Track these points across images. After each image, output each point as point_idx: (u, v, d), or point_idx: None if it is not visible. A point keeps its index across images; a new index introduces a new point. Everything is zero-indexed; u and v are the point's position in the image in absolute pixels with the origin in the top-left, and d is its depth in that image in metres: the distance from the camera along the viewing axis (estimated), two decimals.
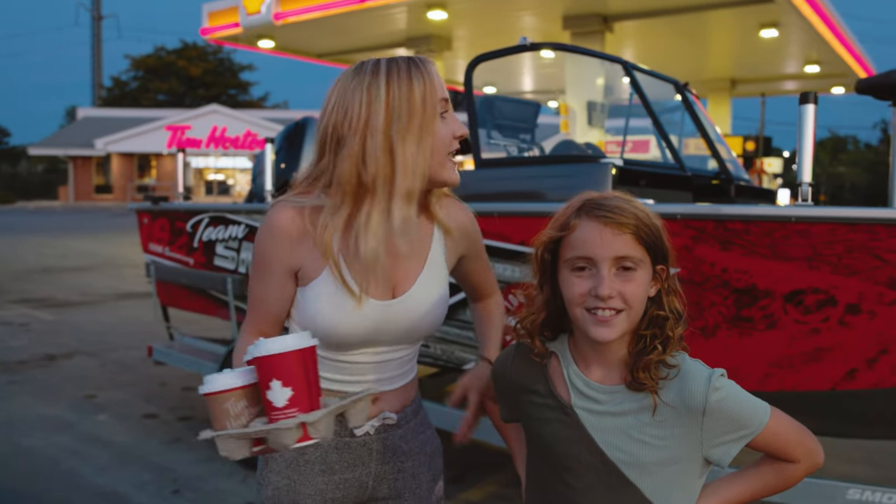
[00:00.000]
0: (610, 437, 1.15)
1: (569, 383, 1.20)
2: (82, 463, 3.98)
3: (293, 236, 1.33)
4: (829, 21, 12.29)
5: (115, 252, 15.48)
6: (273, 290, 1.37)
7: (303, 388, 1.13)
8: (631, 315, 1.13)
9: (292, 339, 1.14)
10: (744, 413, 1.13)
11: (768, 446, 1.15)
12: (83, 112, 43.71)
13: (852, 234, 2.19)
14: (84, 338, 7.28)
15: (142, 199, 5.02)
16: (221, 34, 14.51)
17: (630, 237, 1.12)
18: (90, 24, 51.11)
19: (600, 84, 9.44)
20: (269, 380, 1.12)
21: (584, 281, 1.14)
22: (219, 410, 1.15)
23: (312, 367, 1.16)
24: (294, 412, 1.12)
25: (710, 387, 1.11)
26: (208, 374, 4.36)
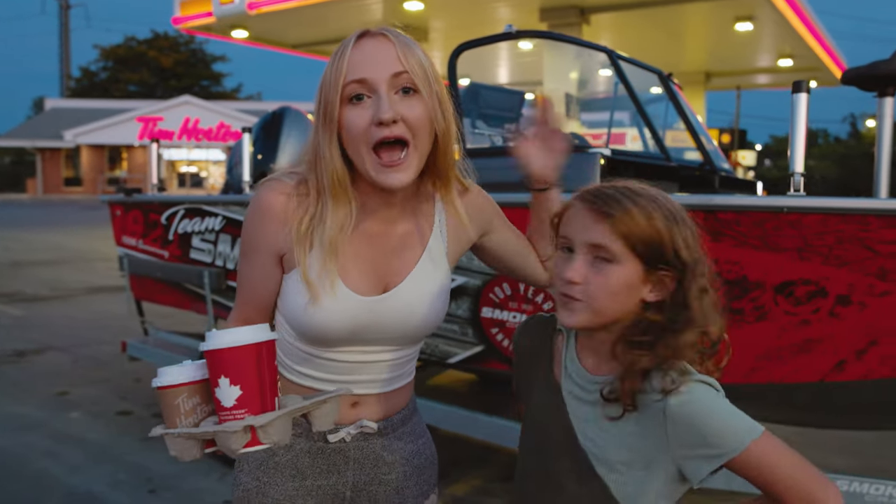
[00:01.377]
0: (584, 426, 1.13)
1: (563, 366, 1.18)
2: (54, 463, 3.87)
3: (281, 217, 1.25)
4: (802, 15, 12.41)
5: (86, 245, 15.20)
6: (259, 274, 1.29)
7: (254, 387, 1.02)
8: (592, 308, 1.07)
9: (248, 331, 1.03)
10: (715, 429, 1.01)
11: (752, 476, 1.02)
12: (51, 103, 42.86)
13: (843, 224, 2.17)
14: (55, 333, 7.12)
15: (114, 191, 4.89)
16: (194, 24, 14.27)
17: (607, 227, 1.05)
18: (58, 13, 50.11)
19: (578, 76, 9.43)
20: (218, 376, 1.02)
21: (563, 262, 1.11)
22: (170, 407, 1.06)
23: (268, 365, 1.05)
24: (242, 413, 1.02)
25: (675, 391, 1.02)
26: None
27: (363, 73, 1.17)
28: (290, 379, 1.32)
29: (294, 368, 1.32)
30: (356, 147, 1.19)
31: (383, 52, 1.19)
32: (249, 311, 1.32)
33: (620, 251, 1.05)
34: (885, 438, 4.04)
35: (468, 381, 4.98)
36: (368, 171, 1.19)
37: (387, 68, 1.18)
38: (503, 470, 3.73)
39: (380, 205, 1.28)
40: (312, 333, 1.25)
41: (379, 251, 1.29)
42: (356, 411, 1.32)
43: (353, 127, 1.18)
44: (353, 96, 1.18)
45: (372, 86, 1.18)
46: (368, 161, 1.18)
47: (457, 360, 3.15)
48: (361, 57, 1.19)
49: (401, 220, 1.32)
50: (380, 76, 1.18)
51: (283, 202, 1.25)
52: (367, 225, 1.29)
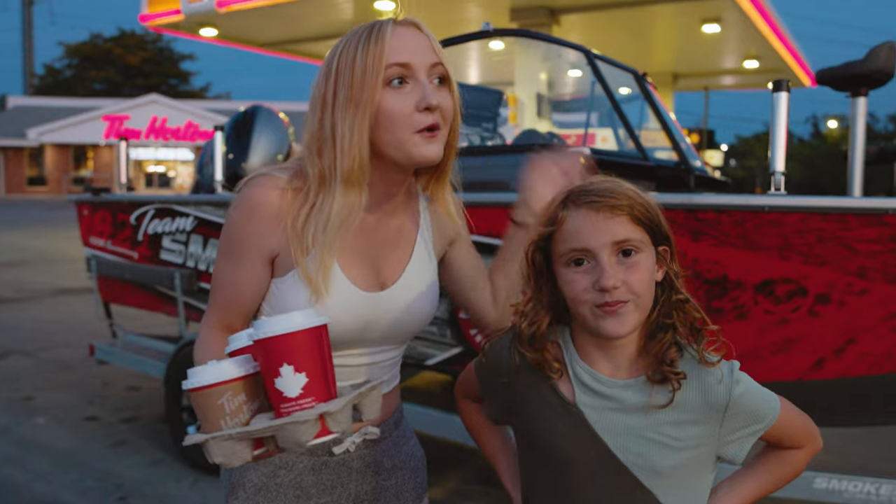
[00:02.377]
0: (622, 439, 1.05)
1: (573, 378, 1.09)
2: (19, 470, 3.76)
3: (274, 215, 1.18)
4: (768, 18, 12.61)
5: (51, 246, 14.88)
6: (246, 276, 1.21)
7: (319, 373, 0.96)
8: (641, 305, 1.04)
9: (301, 315, 0.96)
10: (760, 406, 1.07)
11: (778, 436, 1.10)
12: (14, 101, 41.92)
13: (824, 223, 2.18)
14: (19, 336, 6.95)
15: (81, 191, 4.77)
16: (161, 21, 14.03)
17: (626, 218, 1.02)
18: (20, 10, 49.03)
19: (548, 76, 9.47)
20: (279, 365, 0.94)
21: (585, 276, 1.04)
22: (212, 408, 0.96)
23: (328, 349, 1.00)
24: (311, 402, 0.95)
25: (732, 380, 1.04)
26: (154, 372, 4.13)
27: (406, 57, 1.15)
28: None
29: None
30: (396, 131, 1.15)
31: (421, 41, 1.18)
32: (231, 317, 1.24)
33: (642, 237, 1.04)
34: (854, 434, 4.08)
35: (442, 382, 4.95)
36: (410, 152, 1.16)
37: (426, 57, 1.17)
38: (479, 472, 3.70)
39: (383, 197, 1.24)
40: None
41: (375, 245, 1.26)
42: None
43: (395, 111, 1.14)
44: (393, 79, 1.15)
45: (414, 72, 1.16)
46: (412, 142, 1.15)
47: (435, 362, 3.11)
48: (401, 43, 1.16)
49: (396, 214, 1.29)
50: (421, 63, 1.16)
51: (277, 198, 1.19)
52: (368, 218, 1.24)
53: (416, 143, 1.16)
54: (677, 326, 1.06)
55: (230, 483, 1.27)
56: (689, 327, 1.07)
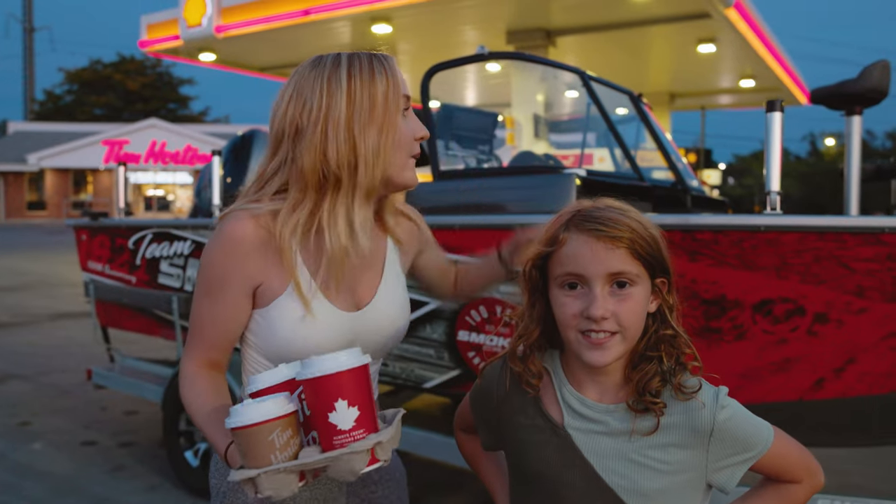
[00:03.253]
0: (608, 462, 1.07)
1: (562, 402, 1.11)
2: (15, 497, 3.73)
3: (252, 248, 1.21)
4: (763, 37, 12.70)
5: (50, 270, 14.87)
6: (228, 312, 1.23)
7: (369, 406, 1.04)
8: (627, 337, 1.05)
9: (346, 355, 1.04)
10: (750, 434, 1.06)
11: (773, 468, 1.09)
12: (14, 126, 42.08)
13: (821, 242, 2.18)
14: (17, 361, 6.92)
15: (79, 215, 4.77)
16: (161, 47, 14.14)
17: (625, 252, 1.03)
18: (21, 36, 49.38)
19: (545, 98, 9.53)
20: (334, 400, 1.01)
21: (576, 301, 1.05)
22: (261, 443, 1.00)
23: (371, 385, 1.08)
24: (362, 433, 1.02)
25: (717, 405, 1.05)
26: (152, 397, 4.11)
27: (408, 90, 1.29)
28: None
29: None
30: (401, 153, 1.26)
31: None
32: (214, 354, 1.25)
33: (639, 272, 1.05)
34: (853, 455, 4.05)
35: (442, 405, 4.92)
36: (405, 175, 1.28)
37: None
38: (479, 496, 3.67)
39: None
40: (303, 354, 1.17)
41: (350, 267, 1.27)
42: None
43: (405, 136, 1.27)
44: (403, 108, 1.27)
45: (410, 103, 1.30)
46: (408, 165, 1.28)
47: (433, 385, 3.10)
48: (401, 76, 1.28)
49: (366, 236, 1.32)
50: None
51: (252, 228, 1.21)
52: None
53: (410, 167, 1.27)
54: (663, 359, 1.07)
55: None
56: (674, 360, 1.07)
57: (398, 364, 3.12)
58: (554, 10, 11.16)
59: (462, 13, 11.32)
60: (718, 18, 10.77)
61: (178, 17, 13.20)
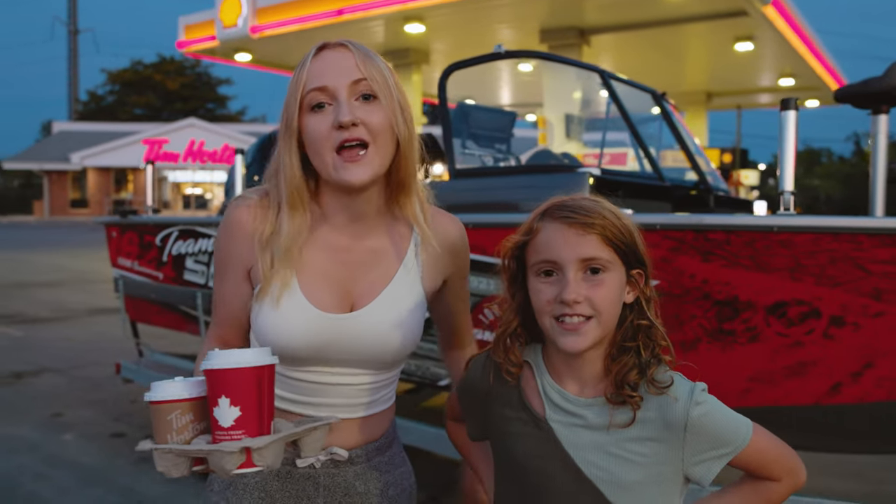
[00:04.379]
0: (587, 454, 1.08)
1: (543, 395, 1.13)
2: (45, 485, 3.83)
3: (247, 231, 1.25)
4: (802, 35, 12.45)
5: (89, 267, 15.22)
6: (231, 291, 1.29)
7: (253, 409, 1.02)
8: (602, 322, 1.06)
9: (251, 353, 1.04)
10: (726, 429, 1.06)
11: (750, 464, 1.09)
12: (59, 126, 43.21)
13: (836, 244, 2.14)
14: (53, 354, 7.09)
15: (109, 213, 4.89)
16: (198, 47, 14.40)
17: (596, 237, 1.05)
18: (66, 39, 50.64)
19: (578, 96, 9.47)
20: (218, 395, 1.02)
21: (551, 287, 1.07)
22: (162, 422, 1.05)
23: (268, 389, 1.06)
24: (240, 434, 1.02)
25: (691, 401, 1.05)
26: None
27: (323, 81, 1.18)
28: None
29: None
30: (319, 152, 1.19)
31: (343, 61, 1.21)
32: (225, 330, 1.32)
33: (611, 258, 1.07)
34: (887, 462, 3.96)
35: None
36: (330, 173, 1.19)
37: (346, 75, 1.19)
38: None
39: (348, 219, 1.27)
40: (272, 345, 1.21)
41: (346, 266, 1.26)
42: (327, 437, 1.26)
43: (314, 132, 1.19)
44: (314, 105, 1.19)
45: (332, 93, 1.18)
46: (330, 162, 1.18)
47: (447, 383, 3.10)
48: (321, 66, 1.20)
49: (372, 236, 1.29)
50: (339, 83, 1.18)
51: (248, 216, 1.26)
52: (334, 239, 1.27)
53: (335, 165, 1.19)
54: (641, 350, 1.08)
55: (208, 477, 1.33)
56: (650, 352, 1.08)
57: (413, 361, 3.13)
58: (588, 8, 11.08)
59: (495, 12, 11.30)
60: (756, 16, 10.59)
61: (214, 18, 13.41)
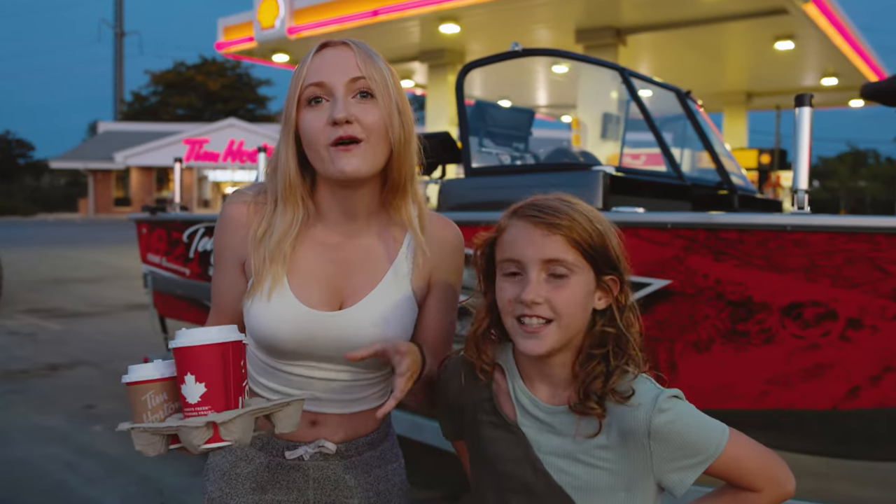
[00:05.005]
0: (556, 460, 1.06)
1: (514, 399, 1.11)
2: (72, 475, 3.92)
3: (241, 225, 1.28)
4: (845, 33, 12.17)
5: (129, 263, 15.53)
6: (227, 283, 1.31)
7: (218, 385, 1.03)
8: (562, 326, 1.03)
9: (216, 331, 1.05)
10: (696, 437, 1.02)
11: (728, 473, 1.04)
12: (104, 126, 44.27)
13: (852, 243, 2.08)
14: (89, 348, 7.26)
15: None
16: (236, 48, 14.63)
17: (561, 239, 1.03)
18: (112, 41, 51.88)
19: (613, 97, 9.38)
20: (184, 373, 1.04)
21: (514, 286, 1.05)
22: (137, 402, 1.07)
23: (235, 365, 1.06)
24: (206, 410, 1.03)
25: (654, 408, 1.01)
26: None
27: (321, 77, 1.20)
28: (255, 391, 1.32)
29: (256, 379, 1.32)
30: (314, 146, 1.20)
31: (342, 59, 1.22)
32: (221, 321, 1.32)
33: (576, 261, 1.04)
34: None
35: None
36: (326, 166, 1.20)
37: (345, 73, 1.20)
38: None
39: (342, 217, 1.28)
40: (260, 338, 1.25)
41: (336, 264, 1.27)
42: (315, 430, 1.29)
43: (310, 127, 1.20)
44: (311, 99, 1.21)
45: (329, 89, 1.20)
46: (326, 156, 1.19)
47: None
48: (321, 63, 1.22)
49: (364, 235, 1.30)
50: (337, 80, 1.20)
51: (242, 211, 1.29)
52: (327, 236, 1.29)
53: (329, 157, 1.20)
54: (610, 358, 1.04)
55: (206, 465, 1.37)
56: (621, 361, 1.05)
57: None
58: (624, 7, 10.98)
59: (531, 12, 11.24)
60: (796, 14, 10.38)
61: (252, 19, 13.60)
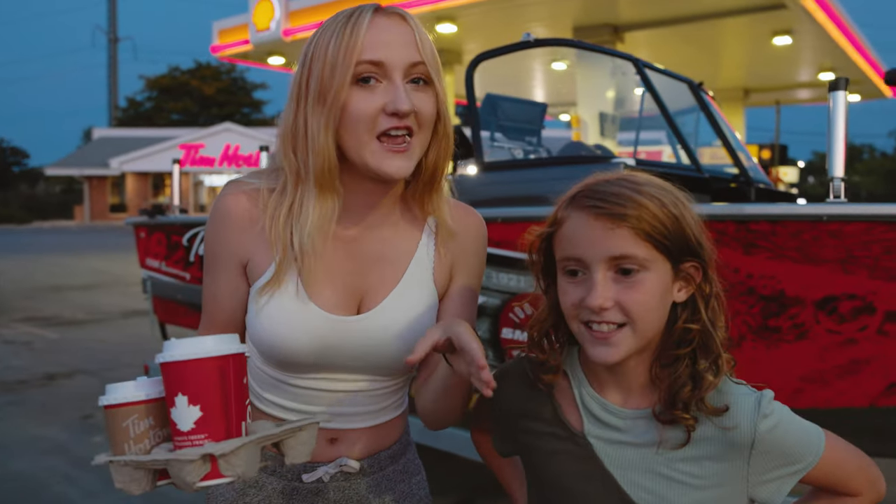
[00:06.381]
0: (633, 474, 0.93)
1: (581, 406, 0.98)
2: (72, 487, 3.81)
3: (243, 222, 1.12)
4: (843, 27, 12.12)
5: (125, 270, 15.41)
6: (224, 289, 1.15)
7: (216, 408, 0.86)
8: (638, 330, 0.90)
9: (213, 341, 0.87)
10: (798, 443, 0.91)
11: (825, 479, 0.94)
12: (99, 132, 44.08)
13: (891, 233, 1.98)
14: (86, 356, 7.15)
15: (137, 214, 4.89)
16: (231, 51, 14.53)
17: (628, 232, 0.89)
18: (106, 47, 51.74)
19: (612, 94, 9.32)
20: (175, 394, 0.86)
21: (577, 288, 0.92)
22: (117, 429, 0.89)
23: (236, 383, 0.89)
24: (202, 439, 0.85)
25: (758, 414, 0.89)
26: None
27: (379, 54, 1.03)
28: (259, 407, 1.18)
29: (262, 395, 1.18)
30: (356, 133, 1.04)
31: (402, 36, 1.05)
32: (215, 332, 1.14)
33: (648, 255, 0.90)
34: None
35: None
36: (367, 159, 1.04)
37: (406, 55, 1.04)
38: None
39: (363, 206, 1.13)
40: (280, 354, 1.10)
41: (355, 261, 1.13)
42: (335, 448, 1.16)
43: (359, 111, 1.03)
44: (361, 78, 1.03)
45: (388, 71, 1.04)
46: (369, 148, 1.04)
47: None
48: (378, 37, 1.04)
49: (383, 226, 1.16)
50: (398, 62, 1.04)
51: (245, 203, 1.12)
52: (344, 228, 1.13)
53: (373, 151, 1.04)
54: (696, 359, 0.92)
55: (206, 494, 1.21)
56: (709, 362, 0.92)
57: None
58: (621, 4, 10.94)
59: (528, 10, 11.19)
60: (794, 9, 10.33)
61: (247, 21, 13.51)
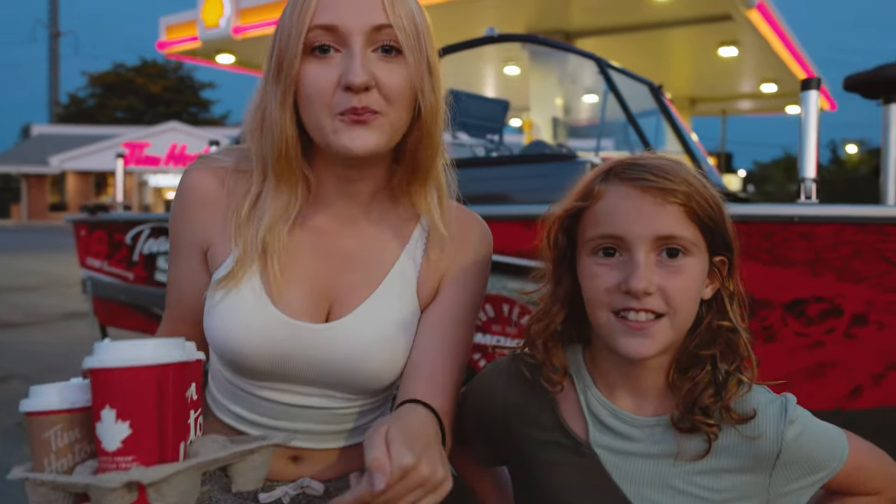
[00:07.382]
0: (644, 489, 0.84)
1: (587, 412, 0.88)
2: (2, 501, 3.59)
3: (205, 202, 1.00)
4: (786, 40, 12.50)
5: (66, 271, 14.88)
6: (184, 273, 1.04)
7: (149, 425, 0.73)
8: (676, 322, 0.82)
9: (152, 346, 0.75)
10: (822, 449, 0.85)
11: (846, 482, 0.88)
12: (38, 129, 42.63)
13: (861, 235, 1.98)
14: (22, 360, 6.82)
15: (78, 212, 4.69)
16: (179, 48, 14.21)
17: (679, 210, 0.80)
18: (47, 41, 50.11)
19: (565, 101, 9.39)
20: (101, 406, 0.73)
21: (612, 271, 0.82)
22: (38, 440, 0.78)
23: (177, 397, 0.76)
24: (129, 462, 0.73)
25: (785, 420, 0.82)
26: None
27: (333, 17, 0.90)
28: (218, 416, 1.06)
29: (222, 403, 1.06)
30: (314, 111, 0.92)
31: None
32: (178, 326, 1.06)
33: (695, 238, 0.82)
34: None
35: None
36: (327, 136, 0.92)
37: (366, 16, 0.90)
38: None
39: (336, 195, 1.00)
40: (225, 354, 0.99)
41: (328, 260, 1.01)
42: (297, 468, 1.04)
43: (313, 86, 0.90)
44: (315, 47, 0.91)
45: (343, 36, 0.90)
46: (328, 124, 0.91)
47: None
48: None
49: (363, 222, 1.03)
50: (355, 25, 0.90)
51: (210, 183, 1.01)
52: (318, 220, 1.02)
53: (333, 128, 0.91)
54: (717, 362, 0.84)
55: None
56: (731, 366, 0.84)
57: None
58: (574, 11, 11.07)
59: (481, 14, 11.24)
60: (740, 21, 10.60)
61: (196, 18, 13.22)
